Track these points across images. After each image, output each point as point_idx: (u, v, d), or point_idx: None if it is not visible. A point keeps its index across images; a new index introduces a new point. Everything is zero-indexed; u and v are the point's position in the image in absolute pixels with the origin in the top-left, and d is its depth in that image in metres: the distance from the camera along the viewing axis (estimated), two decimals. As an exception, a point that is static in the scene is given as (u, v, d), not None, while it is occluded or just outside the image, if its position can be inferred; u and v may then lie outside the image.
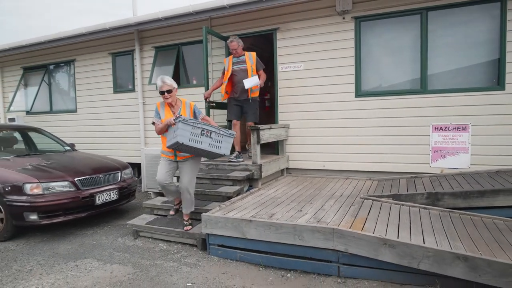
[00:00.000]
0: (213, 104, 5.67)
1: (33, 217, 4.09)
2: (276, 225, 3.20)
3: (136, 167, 7.21)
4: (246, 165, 4.89)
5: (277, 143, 5.87)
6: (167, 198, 4.44)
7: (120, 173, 5.04)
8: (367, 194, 4.28)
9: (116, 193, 4.80)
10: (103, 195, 4.61)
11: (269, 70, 5.93)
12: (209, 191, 4.53)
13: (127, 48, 7.22)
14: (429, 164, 4.99)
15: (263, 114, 7.62)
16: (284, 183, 5.20)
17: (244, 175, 4.68)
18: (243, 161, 5.11)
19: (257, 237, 3.29)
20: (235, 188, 4.55)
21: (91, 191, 4.48)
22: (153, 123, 3.87)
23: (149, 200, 5.07)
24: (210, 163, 5.09)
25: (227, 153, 3.73)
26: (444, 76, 4.94)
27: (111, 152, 7.09)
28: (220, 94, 5.44)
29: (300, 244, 3.10)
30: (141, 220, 4.31)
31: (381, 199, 4.04)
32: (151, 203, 4.63)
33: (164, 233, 4.01)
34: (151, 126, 3.97)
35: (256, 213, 3.58)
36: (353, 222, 3.26)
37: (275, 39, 5.86)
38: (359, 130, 5.36)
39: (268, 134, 5.12)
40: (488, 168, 4.63)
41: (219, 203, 4.21)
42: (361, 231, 2.98)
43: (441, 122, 4.90)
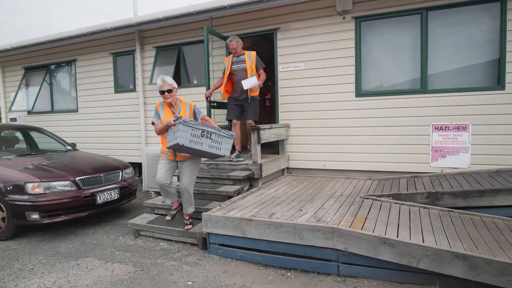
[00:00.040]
0: (214, 103, 5.68)
1: (35, 216, 4.11)
2: (276, 224, 3.21)
3: (137, 167, 7.23)
4: (247, 164, 4.90)
5: (277, 142, 5.89)
6: (165, 201, 4.32)
7: (121, 173, 5.06)
8: (367, 194, 4.29)
9: (117, 192, 4.82)
10: (104, 194, 4.63)
11: (270, 70, 5.95)
12: (209, 190, 4.55)
13: (128, 48, 7.24)
14: (429, 163, 5.00)
15: (263, 113, 7.65)
16: (284, 183, 5.21)
17: (244, 174, 4.70)
18: (244, 160, 5.12)
19: (257, 236, 3.30)
20: (235, 188, 4.56)
21: (92, 191, 4.50)
22: (153, 123, 3.87)
23: (150, 199, 5.09)
24: (211, 162, 5.10)
25: (227, 154, 3.73)
26: (444, 75, 4.95)
27: (112, 152, 7.10)
28: (220, 94, 5.45)
29: (300, 243, 3.12)
30: (142, 219, 4.33)
31: (381, 198, 4.05)
32: (151, 202, 4.65)
33: (165, 232, 4.02)
34: (152, 126, 3.98)
35: (256, 212, 3.59)
36: (353, 221, 3.27)
37: (275, 39, 5.87)
38: (360, 129, 5.37)
39: (269, 133, 5.13)
40: (488, 168, 4.63)
41: (220, 202, 4.22)
42: (360, 230, 2.98)
43: (441, 122, 4.91)
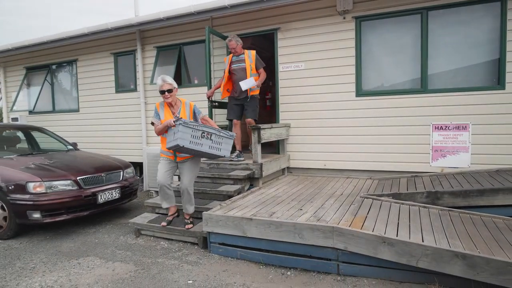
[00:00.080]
0: (216, 103, 5.69)
1: (36, 215, 4.13)
2: (276, 224, 3.23)
3: (138, 166, 7.26)
4: (247, 164, 4.92)
5: (278, 142, 5.90)
6: (162, 204, 4.04)
7: (122, 172, 5.08)
8: (367, 193, 4.30)
9: (118, 192, 4.84)
10: (105, 194, 4.65)
11: (270, 70, 5.96)
12: (210, 190, 4.56)
13: (129, 48, 7.26)
14: (429, 163, 5.01)
15: (264, 113, 7.67)
16: (284, 182, 5.22)
17: (245, 174, 4.71)
18: (244, 160, 5.13)
19: (257, 236, 3.32)
20: (236, 187, 4.58)
21: (93, 190, 4.52)
22: (152, 123, 3.84)
23: (151, 199, 5.11)
24: (212, 162, 5.12)
25: (227, 154, 3.74)
26: (444, 75, 4.96)
27: (113, 152, 7.12)
28: (221, 93, 5.45)
29: (300, 242, 3.13)
30: (142, 218, 4.34)
31: (381, 198, 4.06)
32: (152, 201, 4.66)
33: (166, 231, 4.04)
34: (152, 126, 3.98)
35: (256, 212, 3.60)
36: (352, 220, 3.28)
37: (276, 39, 5.88)
38: (360, 129, 5.38)
39: (269, 133, 5.15)
40: (488, 167, 4.64)
41: (220, 201, 4.23)
42: (360, 229, 2.99)
43: (441, 122, 4.91)
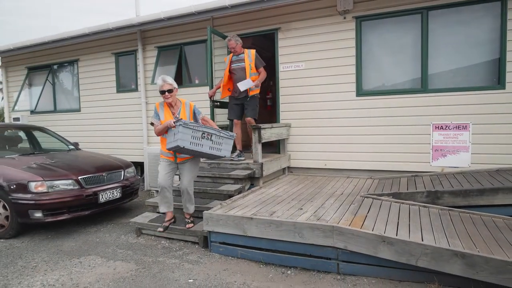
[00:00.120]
0: (218, 103, 5.70)
1: (38, 214, 4.15)
2: (276, 223, 3.24)
3: (139, 166, 7.28)
4: (248, 163, 4.93)
5: (278, 142, 5.91)
6: (159, 208, 4.02)
7: (123, 172, 5.10)
8: (367, 193, 4.31)
9: (119, 191, 4.86)
10: (106, 193, 4.67)
11: (271, 69, 5.97)
12: (210, 189, 4.58)
13: (130, 48, 7.28)
14: (429, 163, 5.01)
15: (265, 113, 7.68)
16: (285, 182, 5.24)
17: (245, 173, 4.72)
18: (245, 159, 5.15)
19: (258, 235, 3.33)
20: (236, 187, 4.59)
21: (94, 190, 4.54)
22: (152, 124, 3.83)
23: (152, 198, 5.12)
24: (212, 161, 5.13)
25: (228, 155, 3.75)
26: (444, 75, 4.96)
27: (114, 151, 7.14)
28: (220, 93, 5.46)
29: (300, 242, 3.14)
30: (143, 218, 4.36)
31: (381, 197, 4.07)
32: (153, 201, 4.68)
33: (166, 230, 4.04)
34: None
35: (257, 211, 3.62)
36: (352, 220, 3.29)
37: (276, 39, 5.89)
38: (360, 129, 5.38)
39: (270, 133, 5.16)
40: (489, 167, 4.64)
41: (221, 201, 4.25)
42: (360, 228, 3.01)
43: (441, 121, 4.92)
